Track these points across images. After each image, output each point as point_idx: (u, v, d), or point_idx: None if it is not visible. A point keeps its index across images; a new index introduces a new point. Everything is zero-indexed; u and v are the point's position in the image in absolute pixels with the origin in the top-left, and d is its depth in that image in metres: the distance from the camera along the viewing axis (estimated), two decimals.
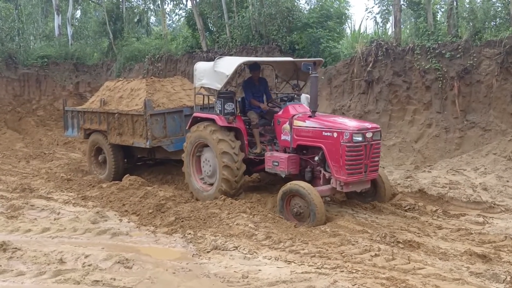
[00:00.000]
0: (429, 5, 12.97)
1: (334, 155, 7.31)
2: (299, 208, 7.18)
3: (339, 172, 7.26)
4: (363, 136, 7.24)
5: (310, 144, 7.78)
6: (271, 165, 8.16)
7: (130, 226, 7.32)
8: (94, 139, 11.22)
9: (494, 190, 8.45)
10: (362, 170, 7.33)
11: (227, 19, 16.94)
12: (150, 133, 9.64)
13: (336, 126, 7.46)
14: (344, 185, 7.33)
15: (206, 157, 8.74)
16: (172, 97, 10.57)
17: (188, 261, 5.79)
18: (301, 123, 7.89)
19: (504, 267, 5.32)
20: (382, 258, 5.51)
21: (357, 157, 7.22)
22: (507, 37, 11.03)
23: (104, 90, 11.56)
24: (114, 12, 22.35)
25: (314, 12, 15.39)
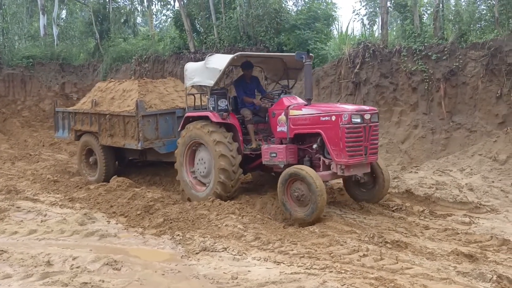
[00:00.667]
0: (415, 8, 13.09)
1: (333, 139, 7.25)
2: (300, 192, 7.09)
3: (339, 156, 7.19)
4: (362, 118, 7.21)
5: (308, 131, 7.70)
6: (268, 157, 8.04)
7: (118, 227, 7.28)
8: (85, 141, 11.08)
9: (479, 190, 8.56)
10: (362, 152, 7.27)
11: (214, 20, 16.93)
12: (142, 135, 9.54)
13: (334, 110, 7.43)
14: (345, 169, 7.24)
15: (201, 157, 8.63)
16: (164, 98, 10.46)
17: (177, 262, 5.77)
18: (297, 112, 7.83)
19: (490, 266, 5.38)
20: (371, 258, 5.54)
21: (357, 139, 7.18)
22: (492, 39, 11.18)
23: (96, 91, 11.43)
24: (101, 12, 22.22)
25: (301, 14, 15.45)
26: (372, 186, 8.09)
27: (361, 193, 8.18)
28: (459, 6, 13.74)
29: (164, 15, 23.88)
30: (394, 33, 14.68)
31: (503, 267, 5.39)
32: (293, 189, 7.18)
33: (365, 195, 8.13)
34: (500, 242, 6.18)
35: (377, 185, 8.01)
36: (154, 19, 26.35)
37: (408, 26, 13.13)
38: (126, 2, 24.27)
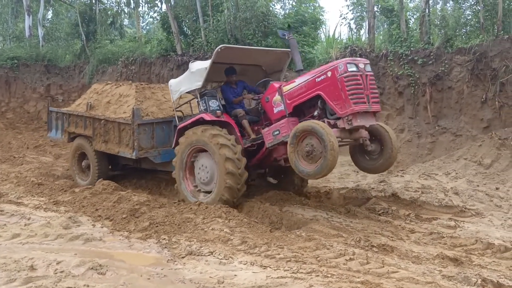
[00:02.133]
0: (402, 12, 13.21)
1: (334, 94, 7.09)
2: (311, 147, 6.87)
3: (343, 107, 6.99)
4: (357, 66, 7.11)
5: (307, 97, 7.52)
6: (271, 138, 7.86)
7: (104, 231, 7.19)
8: (78, 144, 10.80)
9: (465, 194, 8.63)
10: (365, 100, 7.07)
11: (202, 22, 16.91)
12: (137, 144, 9.28)
13: (327, 67, 7.36)
14: (352, 119, 7.00)
15: (202, 163, 8.39)
16: (162, 106, 10.12)
17: (163, 266, 5.72)
18: (291, 85, 7.76)
19: (475, 270, 5.42)
20: (357, 262, 5.55)
21: (357, 86, 7.02)
22: (477, 44, 11.32)
23: (92, 93, 11.08)
24: (87, 13, 22.02)
25: (289, 17, 15.52)
26: (379, 153, 7.74)
27: (368, 162, 7.88)
28: (445, 11, 13.90)
29: (151, 17, 23.76)
30: (381, 38, 14.81)
31: (488, 270, 5.43)
32: (304, 144, 6.97)
33: (372, 163, 7.83)
34: (485, 246, 6.23)
35: (385, 152, 7.64)
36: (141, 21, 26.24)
37: (394, 31, 13.25)
38: (112, 3, 24.14)
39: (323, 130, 6.68)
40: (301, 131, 6.98)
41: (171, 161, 8.95)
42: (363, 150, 7.73)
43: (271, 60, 9.39)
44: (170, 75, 16.98)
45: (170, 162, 9.02)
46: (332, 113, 7.30)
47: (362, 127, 7.29)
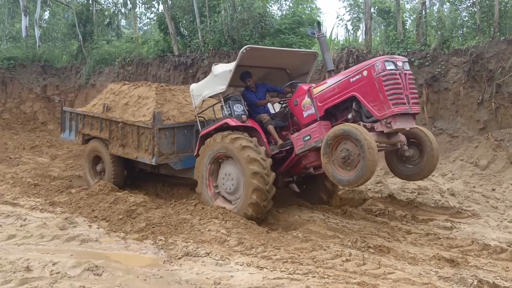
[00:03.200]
0: (398, 14, 13.24)
1: (371, 94, 6.57)
2: (347, 153, 6.36)
3: (382, 109, 6.47)
4: (395, 64, 6.61)
5: (340, 99, 7.00)
6: (302, 143, 7.35)
7: (100, 232, 7.18)
8: (93, 147, 10.35)
9: (461, 195, 8.66)
10: (405, 100, 6.54)
11: (199, 23, 16.91)
12: (157, 149, 8.82)
13: (362, 65, 6.81)
14: (391, 121, 6.47)
15: (227, 171, 7.89)
16: (183, 109, 9.59)
17: (159, 267, 5.71)
18: (322, 87, 7.26)
19: (471, 271, 5.44)
20: (353, 263, 5.55)
21: (396, 86, 6.50)
22: (474, 46, 11.36)
23: (108, 93, 10.57)
24: (84, 14, 21.99)
25: (286, 18, 15.51)
26: (419, 158, 7.16)
27: (407, 169, 7.28)
28: (441, 13, 13.96)
29: (148, 18, 23.76)
30: (378, 39, 14.83)
31: (484, 271, 5.45)
32: (338, 151, 6.48)
33: (411, 170, 7.25)
34: (481, 247, 6.25)
35: (425, 156, 7.04)
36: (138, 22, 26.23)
37: (391, 32, 13.27)
38: (109, 4, 24.10)
39: (356, 130, 6.22)
40: (333, 138, 6.49)
41: (192, 168, 8.66)
42: (401, 156, 7.23)
43: (297, 62, 8.88)
44: (167, 75, 16.99)
45: (191, 169, 8.75)
46: (368, 116, 6.78)
47: (402, 130, 6.76)
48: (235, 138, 7.55)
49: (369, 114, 6.74)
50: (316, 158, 7.40)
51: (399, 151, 7.15)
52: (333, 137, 6.49)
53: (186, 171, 9.07)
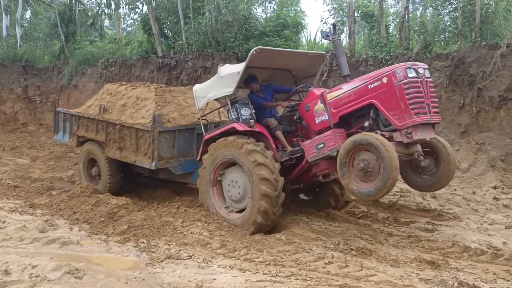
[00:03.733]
0: (382, 18, 13.36)
1: (391, 102, 6.28)
2: (367, 163, 6.06)
3: (403, 118, 6.19)
4: (416, 72, 6.32)
5: (357, 106, 6.68)
6: (315, 152, 6.99)
7: (81, 234, 7.09)
8: (88, 149, 9.94)
9: (442, 198, 8.75)
10: (426, 110, 6.26)
11: (183, 25, 16.86)
12: (157, 153, 8.43)
13: (382, 72, 6.52)
14: (412, 131, 6.20)
15: (232, 178, 7.51)
16: (184, 111, 9.21)
17: (141, 270, 5.66)
18: (337, 92, 6.93)
19: (452, 273, 5.49)
20: (336, 266, 5.57)
21: (418, 94, 6.23)
22: (455, 50, 11.51)
23: (104, 94, 10.15)
24: (67, 14, 21.77)
25: (270, 21, 15.55)
26: (435, 168, 6.88)
27: (422, 179, 6.97)
28: (424, 17, 14.11)
29: (132, 19, 23.60)
30: (362, 42, 14.95)
31: (464, 273, 5.51)
32: (362, 158, 6.13)
33: (427, 181, 6.95)
34: (462, 249, 6.32)
35: (442, 164, 6.75)
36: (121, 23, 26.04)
37: (375, 36, 13.39)
38: (93, 4, 23.90)
39: (384, 147, 5.83)
40: (346, 154, 6.19)
41: (193, 173, 8.49)
42: (416, 166, 6.90)
43: (304, 64, 8.49)
44: (150, 77, 16.90)
45: (191, 174, 8.58)
46: (386, 124, 6.48)
47: (422, 141, 6.48)
48: (243, 143, 7.19)
49: (387, 122, 6.45)
50: (327, 166, 7.21)
51: (414, 162, 6.83)
52: (346, 154, 6.21)
53: (186, 176, 8.79)
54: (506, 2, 12.10)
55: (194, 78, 15.78)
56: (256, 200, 6.97)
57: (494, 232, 7.14)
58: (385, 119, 6.44)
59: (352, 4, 14.14)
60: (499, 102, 10.93)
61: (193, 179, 8.59)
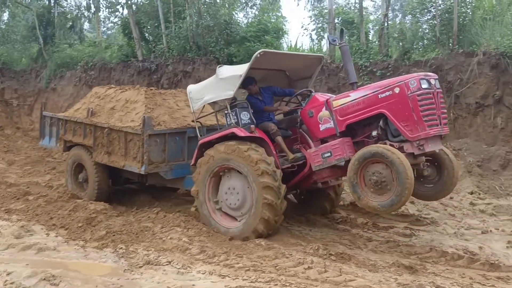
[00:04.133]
0: (362, 25, 13.49)
1: (403, 113, 6.21)
2: (380, 176, 5.99)
3: (415, 130, 6.15)
4: (429, 83, 6.30)
5: (365, 115, 6.59)
6: (320, 160, 6.87)
7: (58, 240, 6.98)
8: (76, 154, 9.63)
9: (420, 203, 8.84)
10: (438, 121, 6.28)
11: (164, 29, 16.78)
12: (146, 157, 8.17)
13: (394, 82, 6.43)
14: (424, 144, 6.20)
15: (231, 185, 7.28)
16: (174, 114, 8.98)
17: (119, 276, 5.60)
18: (344, 100, 6.81)
19: (429, 278, 5.55)
20: (315, 271, 5.59)
21: (430, 106, 6.23)
22: (433, 57, 11.68)
23: (92, 97, 9.91)
24: (45, 16, 21.46)
25: (252, 26, 15.57)
26: (438, 176, 6.89)
27: (424, 188, 6.92)
28: (403, 24, 14.30)
29: (112, 23, 23.39)
30: None
31: (441, 278, 5.57)
32: (372, 172, 6.07)
33: (433, 189, 6.93)
34: (439, 254, 6.40)
35: (445, 171, 6.76)
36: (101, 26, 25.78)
37: (354, 43, 13.50)
38: (72, 7, 23.60)
39: (402, 164, 5.78)
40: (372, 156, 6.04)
41: (183, 178, 8.34)
42: (418, 175, 6.70)
43: (300, 66, 8.34)
44: (130, 81, 16.76)
45: (182, 179, 8.41)
46: (395, 135, 6.41)
47: (432, 152, 6.52)
48: (245, 150, 6.95)
49: (396, 133, 6.40)
50: (329, 174, 7.22)
51: (416, 171, 6.55)
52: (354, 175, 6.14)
53: (177, 181, 8.56)
54: (482, 11, 12.33)
55: (175, 83, 15.71)
56: (258, 209, 6.78)
57: (471, 237, 7.25)
58: (395, 130, 6.38)
59: (332, 11, 14.27)
60: (476, 109, 11.12)
61: (184, 185, 8.46)
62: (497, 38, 11.21)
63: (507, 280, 5.58)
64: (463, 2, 12.29)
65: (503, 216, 8.37)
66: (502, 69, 10.79)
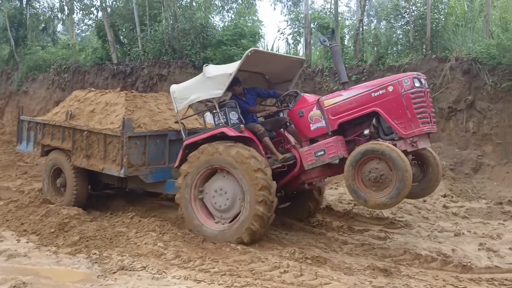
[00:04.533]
0: (337, 30, 13.61)
1: (396, 111, 6.33)
2: (378, 173, 6.04)
3: (408, 127, 6.27)
4: (420, 82, 6.45)
5: (358, 114, 6.65)
6: (313, 159, 6.84)
7: (29, 246, 6.83)
8: (54, 159, 9.35)
9: (394, 206, 8.93)
10: (429, 119, 6.41)
11: (139, 32, 16.65)
12: (126, 160, 7.97)
13: (388, 80, 6.55)
14: (417, 140, 6.32)
15: (219, 186, 7.12)
16: (155, 117, 8.80)
17: (93, 282, 5.50)
18: (336, 99, 6.85)
19: (403, 280, 5.60)
20: (291, 274, 5.58)
21: (423, 104, 6.36)
22: (407, 63, 11.86)
23: (72, 100, 9.64)
24: (17, 18, 21.08)
25: (228, 30, 15.57)
26: (422, 174, 7.05)
27: (412, 188, 6.64)
28: (378, 30, 14.48)
29: (86, 25, 23.10)
30: (318, 53, 15.16)
31: (415, 280, 5.63)
32: (368, 170, 6.13)
33: (418, 187, 7.00)
34: (413, 257, 6.47)
35: (430, 169, 6.94)
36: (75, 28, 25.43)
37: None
38: (45, 9, 23.20)
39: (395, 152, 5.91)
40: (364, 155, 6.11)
41: (164, 182, 8.22)
42: None
43: (281, 68, 8.30)
44: (105, 84, 16.58)
45: (163, 183, 8.26)
46: (387, 133, 6.55)
47: (424, 150, 6.73)
48: (239, 150, 6.82)
49: (388, 131, 6.53)
50: (318, 174, 7.23)
51: None
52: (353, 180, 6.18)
53: (157, 185, 8.38)
54: (455, 17, 12.59)
55: (150, 86, 15.60)
56: (252, 207, 6.68)
57: (444, 240, 7.35)
58: (388, 128, 6.51)
59: (308, 15, 14.38)
60: (449, 113, 11.32)
61: (165, 189, 8.33)
62: (469, 44, 11.45)
63: (479, 281, 5.68)
64: (436, 9, 12.52)
65: (475, 218, 8.53)
66: (474, 75, 11.02)
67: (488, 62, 10.74)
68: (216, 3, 18.50)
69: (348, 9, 22.90)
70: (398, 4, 13.16)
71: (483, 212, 8.77)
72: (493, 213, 8.68)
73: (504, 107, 10.69)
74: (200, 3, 16.97)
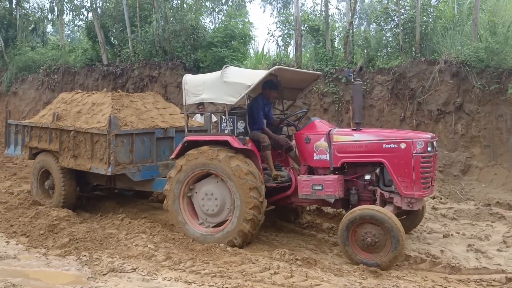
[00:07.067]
0: (327, 32, 13.68)
1: (402, 169, 6.36)
2: (372, 237, 6.05)
3: (409, 188, 6.32)
4: (433, 146, 6.51)
5: (364, 160, 6.70)
6: (309, 191, 6.82)
7: (19, 248, 6.81)
8: (41, 161, 9.34)
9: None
10: (430, 184, 6.50)
11: (129, 33, 16.60)
12: (113, 158, 7.95)
13: (401, 136, 6.56)
14: (414, 203, 6.40)
15: (208, 190, 7.11)
16: (142, 115, 8.83)
17: (83, 284, 5.49)
18: (347, 137, 6.81)
19: (393, 281, 5.65)
20: (281, 276, 5.60)
21: (428, 169, 6.42)
22: (397, 65, 11.94)
23: (59, 102, 9.64)
24: (6, 18, 20.94)
25: (218, 32, 15.56)
26: (406, 215, 7.37)
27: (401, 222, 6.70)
28: (367, 32, 14.56)
29: (76, 26, 22.95)
30: (308, 55, 15.22)
31: (405, 281, 5.68)
32: (362, 233, 6.13)
33: (406, 221, 7.31)
34: (402, 258, 6.51)
35: (412, 215, 7.32)
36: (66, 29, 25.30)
37: (320, 50, 13.67)
38: (35, 9, 23.05)
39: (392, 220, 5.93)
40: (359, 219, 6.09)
41: (153, 180, 8.25)
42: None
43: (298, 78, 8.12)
44: (95, 85, 16.52)
45: (151, 181, 8.30)
46: (388, 185, 6.62)
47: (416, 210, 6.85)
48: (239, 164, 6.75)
49: (389, 183, 6.59)
50: (309, 202, 7.28)
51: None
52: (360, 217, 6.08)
53: (146, 183, 8.41)
54: (444, 20, 12.69)
55: (140, 87, 15.57)
56: (243, 210, 6.68)
57: (433, 241, 7.41)
58: (389, 180, 6.55)
59: (299, 17, 14.42)
60: (437, 116, 11.42)
61: (154, 187, 8.36)
62: (458, 47, 11.56)
63: (467, 282, 5.74)
64: (425, 12, 12.62)
65: (463, 220, 8.61)
66: (462, 77, 11.12)
67: (477, 65, 10.84)
68: (207, 5, 18.48)
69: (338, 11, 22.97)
70: (387, 7, 13.24)
71: (471, 213, 8.85)
72: (481, 215, 8.76)
73: (492, 110, 10.80)
74: (190, 5, 16.97)
